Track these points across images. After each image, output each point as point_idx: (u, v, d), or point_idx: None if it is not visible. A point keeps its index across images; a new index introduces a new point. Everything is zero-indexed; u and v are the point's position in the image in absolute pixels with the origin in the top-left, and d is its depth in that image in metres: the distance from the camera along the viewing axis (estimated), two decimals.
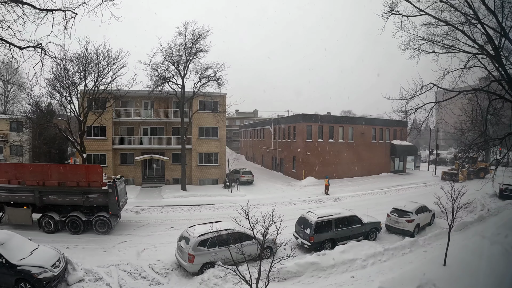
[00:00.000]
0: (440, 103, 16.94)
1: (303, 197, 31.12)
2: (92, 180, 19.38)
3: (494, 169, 16.60)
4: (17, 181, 19.41)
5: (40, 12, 10.32)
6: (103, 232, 19.20)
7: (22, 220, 19.47)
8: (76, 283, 12.74)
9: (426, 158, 61.05)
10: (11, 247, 12.11)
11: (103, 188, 19.35)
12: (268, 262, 10.44)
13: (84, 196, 19.36)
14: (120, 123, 36.18)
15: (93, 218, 19.24)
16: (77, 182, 19.30)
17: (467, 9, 14.42)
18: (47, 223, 19.11)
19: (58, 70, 27.06)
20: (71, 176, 19.44)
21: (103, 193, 19.38)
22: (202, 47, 31.24)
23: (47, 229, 19.05)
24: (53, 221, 19.07)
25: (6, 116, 40.00)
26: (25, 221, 19.44)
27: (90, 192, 19.35)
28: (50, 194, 19.30)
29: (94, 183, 19.38)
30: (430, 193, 22.98)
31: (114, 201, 19.64)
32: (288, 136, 44.94)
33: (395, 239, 18.69)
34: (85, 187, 19.34)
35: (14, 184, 19.40)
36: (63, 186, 19.29)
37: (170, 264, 14.87)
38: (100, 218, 19.30)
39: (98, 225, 19.26)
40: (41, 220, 19.18)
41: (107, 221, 19.33)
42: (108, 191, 19.32)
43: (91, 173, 19.61)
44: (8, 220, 19.49)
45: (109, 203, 19.47)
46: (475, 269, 13.92)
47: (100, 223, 19.30)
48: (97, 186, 19.38)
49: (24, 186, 19.31)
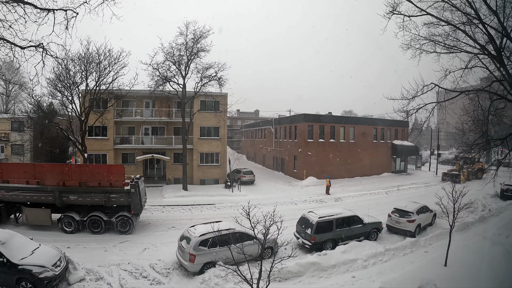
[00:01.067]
0: (441, 103, 16.93)
1: (304, 197, 31.11)
2: (114, 180, 19.42)
3: (496, 169, 16.55)
4: (36, 181, 19.29)
5: (41, 12, 10.33)
6: (125, 232, 19.25)
7: (40, 221, 19.32)
8: (77, 283, 12.74)
9: (427, 159, 60.89)
10: (12, 246, 12.12)
11: (126, 188, 19.39)
12: (269, 262, 10.44)
13: (106, 196, 19.33)
14: (121, 123, 36.21)
15: (115, 218, 19.26)
16: (98, 182, 19.32)
17: (469, 9, 14.40)
18: (67, 224, 19.05)
19: (60, 70, 27.13)
20: (92, 176, 19.45)
21: (126, 193, 19.41)
22: (203, 47, 31.28)
23: (67, 230, 18.99)
24: (73, 221, 19.01)
25: (7, 116, 40.08)
26: (44, 222, 19.30)
27: (112, 192, 19.36)
28: (71, 194, 19.23)
29: (116, 182, 19.41)
30: (431, 194, 22.96)
31: (137, 201, 19.70)
32: (289, 136, 44.92)
33: (396, 239, 18.68)
34: (107, 187, 19.35)
35: (33, 185, 19.26)
36: (84, 186, 19.26)
37: (171, 263, 14.87)
38: (122, 218, 19.34)
39: (120, 225, 19.30)
40: (61, 220, 19.10)
41: (129, 221, 19.40)
42: (131, 191, 19.34)
43: (113, 173, 19.69)
44: (26, 220, 19.32)
45: (131, 202, 19.47)
46: (476, 270, 13.90)
47: (122, 223, 19.34)
48: (119, 186, 19.41)
49: (43, 186, 19.19)
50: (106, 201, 19.40)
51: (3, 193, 19.22)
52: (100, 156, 34.86)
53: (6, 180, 19.38)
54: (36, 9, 10.26)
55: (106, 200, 19.37)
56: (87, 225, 19.07)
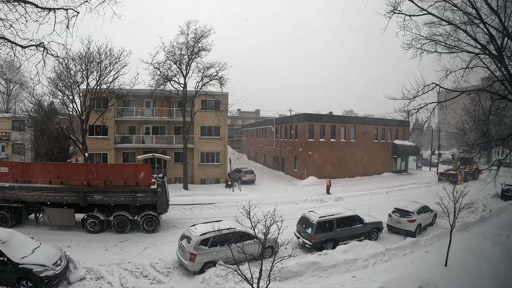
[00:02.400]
0: (442, 103, 16.90)
1: (304, 196, 31.12)
2: (140, 179, 19.47)
3: (497, 170, 16.53)
4: (60, 181, 19.22)
5: (42, 11, 10.32)
6: (151, 231, 19.30)
7: (64, 221, 19.26)
8: (77, 282, 12.75)
9: (428, 158, 60.81)
10: (13, 246, 12.14)
11: (152, 187, 19.49)
12: (269, 261, 10.43)
13: (132, 195, 19.36)
14: (122, 122, 36.22)
15: (141, 217, 19.33)
16: (124, 181, 19.36)
17: (470, 8, 14.37)
18: (92, 224, 19.04)
19: (60, 69, 27.14)
20: (118, 176, 19.49)
21: (152, 192, 19.49)
22: (204, 46, 31.27)
23: (92, 230, 19.00)
24: (98, 221, 19.02)
25: (8, 115, 40.10)
26: (67, 222, 19.25)
27: (138, 191, 19.40)
28: (96, 194, 19.18)
29: (143, 182, 19.47)
30: (431, 193, 22.95)
31: (164, 200, 19.92)
32: (290, 135, 44.92)
33: (396, 239, 18.68)
34: (133, 186, 19.40)
35: (56, 184, 19.18)
36: (110, 186, 19.28)
37: (172, 263, 14.88)
38: (148, 217, 19.42)
39: (146, 224, 19.37)
40: (85, 220, 19.08)
41: (155, 219, 19.49)
42: (157, 190, 19.44)
43: (139, 172, 19.71)
44: (48, 221, 19.19)
45: (158, 201, 19.57)
46: (477, 270, 13.89)
47: (148, 222, 19.42)
48: (145, 185, 19.48)
49: (67, 186, 19.14)
50: (132, 200, 19.45)
51: (24, 193, 19.04)
52: (100, 155, 34.92)
53: (28, 180, 19.24)
54: (37, 8, 10.26)
55: (132, 200, 19.42)
56: (112, 225, 19.10)
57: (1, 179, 19.36)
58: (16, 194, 19.07)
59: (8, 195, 19.17)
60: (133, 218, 19.28)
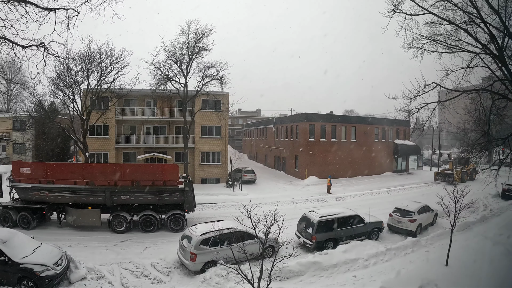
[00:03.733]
0: (443, 102, 16.89)
1: (305, 196, 31.11)
2: (168, 179, 19.58)
3: (497, 169, 16.52)
4: (85, 181, 19.17)
5: (43, 11, 10.33)
6: (178, 230, 19.28)
7: (90, 222, 19.23)
8: (78, 281, 12.77)
9: (429, 158, 60.74)
10: (13, 245, 12.16)
11: (180, 186, 19.66)
12: (270, 261, 10.43)
13: (159, 195, 19.48)
14: (122, 122, 36.26)
15: (168, 216, 19.43)
16: (152, 181, 19.41)
17: (471, 8, 14.37)
18: (118, 224, 19.07)
19: (61, 69, 27.15)
20: (146, 176, 19.58)
21: (180, 192, 19.69)
22: (205, 46, 31.29)
23: (118, 229, 19.02)
24: (125, 221, 19.05)
25: (9, 115, 40.14)
26: (93, 223, 19.22)
27: (166, 190, 19.52)
28: (123, 194, 19.21)
29: (170, 181, 19.58)
30: (432, 193, 22.93)
31: (192, 199, 20.18)
32: (290, 135, 44.92)
33: (397, 239, 18.66)
34: (160, 186, 19.48)
35: (82, 185, 19.12)
36: (137, 186, 19.30)
37: (172, 262, 14.89)
38: (175, 216, 19.54)
39: (173, 223, 19.47)
40: (112, 220, 19.10)
41: (182, 218, 19.62)
42: (185, 189, 19.66)
43: (167, 172, 19.85)
44: (73, 222, 19.12)
45: (185, 200, 19.83)
46: (477, 270, 13.88)
47: (175, 221, 19.52)
48: (173, 185, 19.59)
49: (93, 186, 19.09)
50: (159, 200, 19.59)
51: (47, 194, 18.97)
52: (101, 155, 34.97)
53: (51, 181, 19.10)
54: (37, 8, 10.26)
55: (159, 199, 19.56)
56: (139, 224, 19.15)
57: (23, 180, 19.14)
58: (39, 195, 18.97)
59: (30, 196, 19.07)
60: (161, 217, 19.46)
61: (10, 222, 18.67)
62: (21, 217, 18.79)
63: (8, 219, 18.78)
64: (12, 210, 18.87)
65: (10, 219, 18.73)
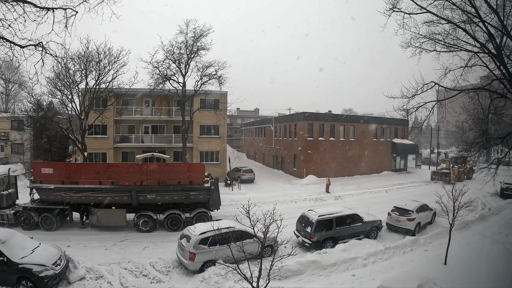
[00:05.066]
0: (441, 101, 16.92)
1: (304, 195, 31.12)
2: (194, 178, 19.78)
3: (496, 168, 16.54)
4: (110, 181, 19.14)
5: (41, 11, 10.30)
6: None
7: (115, 222, 19.22)
8: (77, 281, 12.76)
9: (428, 157, 60.82)
10: (12, 245, 12.14)
11: (206, 185, 19.85)
12: (269, 260, 10.44)
13: (185, 194, 19.62)
14: (121, 122, 36.24)
15: (194, 215, 19.59)
16: (178, 180, 19.55)
17: (469, 7, 14.38)
18: (144, 223, 19.11)
19: (59, 69, 27.12)
20: (172, 175, 19.72)
21: (206, 190, 19.89)
22: (204, 45, 31.29)
23: (144, 229, 19.06)
24: (151, 220, 19.09)
25: (7, 115, 40.02)
26: (119, 222, 19.23)
27: (192, 189, 19.69)
28: (149, 194, 19.26)
29: (197, 180, 19.77)
30: (431, 192, 22.96)
31: (217, 197, 20.39)
32: (289, 134, 44.91)
33: (396, 238, 18.69)
34: (187, 185, 19.62)
35: (107, 185, 19.08)
36: (164, 185, 19.37)
37: (171, 262, 14.89)
38: (201, 214, 19.70)
39: (198, 221, 19.36)
40: (137, 220, 19.11)
41: (207, 216, 19.72)
42: (211, 188, 19.86)
43: (193, 171, 20.08)
44: (98, 222, 19.02)
45: (211, 199, 20.17)
46: (476, 268, 13.90)
47: (200, 219, 19.53)
48: (199, 184, 19.78)
49: (118, 186, 19.08)
50: (185, 199, 19.78)
51: (70, 195, 18.86)
52: (100, 154, 34.93)
53: (75, 181, 19.00)
54: (35, 8, 10.24)
55: (185, 198, 19.73)
56: (165, 223, 19.21)
57: (45, 181, 18.93)
58: (62, 195, 18.86)
59: (53, 197, 18.94)
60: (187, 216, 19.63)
61: (32, 224, 18.57)
62: (43, 218, 18.66)
63: (29, 221, 18.63)
64: (34, 211, 18.71)
65: (32, 221, 18.58)
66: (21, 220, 18.69)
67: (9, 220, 18.79)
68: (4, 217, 18.85)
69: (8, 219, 18.79)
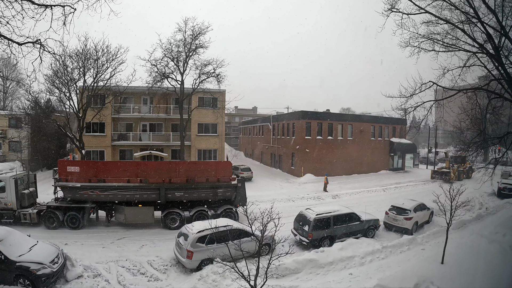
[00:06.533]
0: (439, 101, 16.94)
1: (301, 194, 31.12)
2: (221, 175, 20.12)
3: (493, 168, 16.60)
4: (139, 179, 19.20)
5: (39, 8, 10.24)
6: None
7: (143, 219, 19.23)
8: (75, 279, 12.74)
9: (425, 156, 60.95)
10: (10, 243, 12.10)
11: (233, 182, 20.21)
12: (266, 258, 10.44)
13: (213, 191, 19.89)
14: (119, 119, 36.19)
15: (221, 211, 19.79)
16: (206, 178, 19.84)
17: (468, 7, 14.40)
18: (171, 220, 19.20)
19: (57, 66, 27.08)
20: (200, 173, 19.94)
21: (232, 187, 20.24)
22: (202, 43, 31.32)
23: (172, 226, 19.11)
24: (178, 217, 19.18)
25: (5, 112, 39.86)
26: (147, 220, 19.25)
27: (220, 186, 19.98)
28: (177, 191, 19.42)
29: (224, 178, 20.12)
30: (428, 191, 23.03)
31: (244, 194, 20.70)
32: (287, 133, 44.91)
33: (393, 237, 18.75)
34: (214, 182, 19.90)
35: (136, 183, 19.11)
36: (192, 182, 19.56)
37: (169, 260, 14.90)
38: (226, 211, 19.94)
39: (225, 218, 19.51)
40: (165, 217, 19.20)
41: (234, 213, 20.12)
42: (238, 185, 20.27)
43: (221, 168, 20.44)
44: (125, 220, 18.96)
45: (237, 196, 20.60)
46: (473, 268, 13.95)
47: (227, 216, 19.59)
48: (226, 181, 20.11)
49: (147, 184, 19.16)
50: (213, 196, 20.05)
51: (97, 193, 18.74)
52: (97, 152, 34.88)
53: (102, 179, 18.95)
54: (33, 5, 10.18)
55: (212, 195, 20.01)
56: (192, 220, 19.07)
57: (71, 179, 18.78)
58: (88, 194, 18.73)
59: (79, 196, 18.78)
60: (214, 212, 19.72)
61: (56, 223, 18.47)
62: (69, 217, 18.56)
63: (53, 220, 18.49)
64: (58, 210, 18.59)
65: (57, 220, 18.46)
66: (45, 219, 18.49)
67: (32, 219, 18.52)
68: (27, 216, 18.55)
69: (31, 219, 18.52)
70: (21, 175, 19.67)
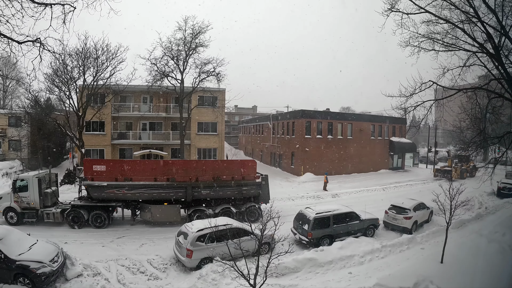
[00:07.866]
0: (439, 100, 16.95)
1: (301, 193, 31.12)
2: (246, 173, 20.42)
3: (493, 167, 16.61)
4: (166, 178, 19.29)
5: (39, 6, 10.24)
6: (253, 221, 19.42)
7: (170, 217, 19.27)
8: (74, 278, 12.75)
9: (425, 156, 60.93)
10: (9, 242, 12.09)
11: (257, 180, 20.58)
12: (266, 257, 10.46)
13: (238, 189, 20.09)
14: (119, 118, 36.17)
15: (245, 209, 20.13)
16: (232, 176, 20.05)
17: (468, 7, 14.42)
18: (198, 218, 18.97)
19: (57, 65, 27.06)
20: (226, 171, 20.22)
21: (257, 185, 20.74)
22: (202, 42, 31.28)
23: None
24: (204, 215, 19.13)
25: (4, 111, 39.83)
26: (173, 218, 19.26)
27: (244, 185, 20.20)
28: (203, 189, 19.54)
29: (249, 176, 20.42)
30: (428, 191, 23.02)
31: (267, 192, 21.43)
32: (287, 132, 44.91)
33: (392, 236, 18.75)
34: (240, 180, 20.13)
35: (163, 182, 19.21)
36: (218, 181, 19.75)
37: (169, 259, 14.90)
38: (250, 208, 20.44)
39: (249, 215, 20.07)
40: (192, 215, 19.24)
41: (257, 210, 20.54)
42: (262, 183, 20.92)
43: (246, 167, 20.70)
44: (152, 218, 19.01)
45: (261, 193, 21.03)
46: (472, 267, 13.96)
47: (250, 213, 20.34)
48: (251, 179, 20.41)
49: (174, 182, 19.26)
50: (238, 194, 20.26)
51: (124, 192, 18.71)
52: (97, 151, 34.89)
53: (129, 178, 18.93)
54: (33, 4, 10.17)
55: (237, 193, 20.21)
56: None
57: (97, 178, 18.70)
58: (114, 192, 18.69)
59: (105, 194, 18.73)
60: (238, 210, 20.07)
61: (81, 222, 18.51)
62: (94, 216, 18.62)
63: (78, 219, 18.52)
64: (83, 209, 18.61)
65: (82, 219, 18.49)
66: (69, 218, 18.49)
67: (56, 218, 18.52)
68: (50, 215, 18.53)
69: (55, 218, 18.53)
70: (43, 174, 19.69)
